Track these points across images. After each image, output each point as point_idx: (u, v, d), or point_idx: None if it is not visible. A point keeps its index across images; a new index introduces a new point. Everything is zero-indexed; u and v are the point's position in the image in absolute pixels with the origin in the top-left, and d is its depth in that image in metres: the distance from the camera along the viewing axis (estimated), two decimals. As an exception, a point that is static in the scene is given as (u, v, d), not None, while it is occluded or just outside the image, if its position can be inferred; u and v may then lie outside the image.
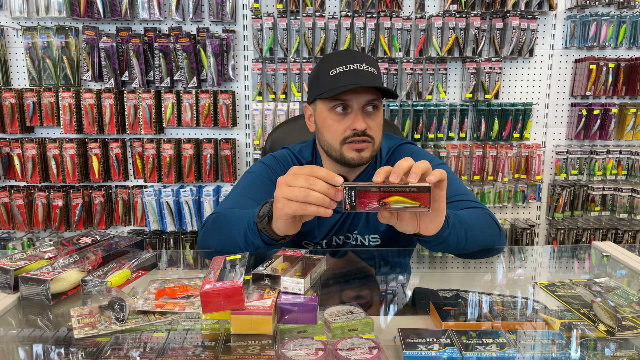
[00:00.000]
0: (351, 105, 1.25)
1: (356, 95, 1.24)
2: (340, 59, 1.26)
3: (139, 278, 1.03)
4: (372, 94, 1.25)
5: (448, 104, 2.83)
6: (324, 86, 1.26)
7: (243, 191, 1.33)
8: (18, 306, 0.92)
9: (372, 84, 1.22)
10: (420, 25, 2.71)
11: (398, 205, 0.82)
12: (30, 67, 2.70)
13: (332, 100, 1.25)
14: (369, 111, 1.27)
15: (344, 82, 1.22)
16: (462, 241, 1.08)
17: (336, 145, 1.28)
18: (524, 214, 3.01)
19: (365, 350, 0.73)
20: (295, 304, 0.77)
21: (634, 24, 2.75)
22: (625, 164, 2.88)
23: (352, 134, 1.25)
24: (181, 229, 2.81)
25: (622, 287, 0.96)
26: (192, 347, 0.74)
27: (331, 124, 1.28)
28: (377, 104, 1.28)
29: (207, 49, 2.68)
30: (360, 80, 1.22)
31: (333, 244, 1.40)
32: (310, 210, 0.86)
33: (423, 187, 0.81)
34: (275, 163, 1.41)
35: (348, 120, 1.26)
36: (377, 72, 1.28)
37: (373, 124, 1.27)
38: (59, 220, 2.76)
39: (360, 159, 1.28)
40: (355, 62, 1.24)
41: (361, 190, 0.82)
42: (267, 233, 1.01)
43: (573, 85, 2.87)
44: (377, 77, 1.26)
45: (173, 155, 2.71)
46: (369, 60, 1.28)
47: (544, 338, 0.79)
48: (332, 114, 1.27)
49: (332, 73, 1.25)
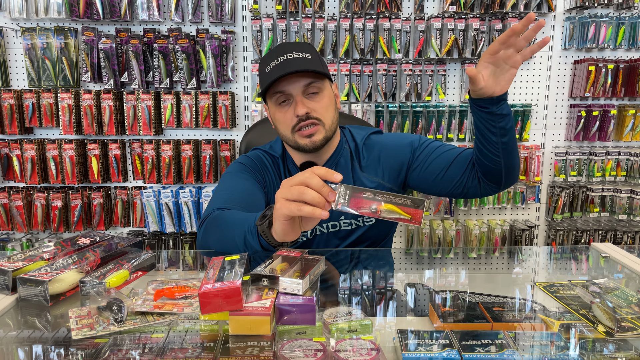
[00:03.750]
0: (291, 94, 1.29)
1: (290, 83, 1.28)
2: (272, 54, 1.31)
3: (138, 279, 1.03)
4: (308, 77, 1.29)
5: (447, 105, 2.83)
6: (262, 83, 1.32)
7: (228, 189, 1.36)
8: (16, 307, 0.91)
9: (300, 68, 1.24)
10: (419, 27, 2.71)
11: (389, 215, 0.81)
12: (30, 68, 2.70)
13: (272, 94, 1.31)
14: (311, 95, 1.30)
15: (275, 74, 1.26)
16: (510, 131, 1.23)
17: (289, 135, 1.33)
18: (523, 215, 3.01)
19: (364, 352, 0.73)
20: (293, 305, 0.77)
21: (632, 25, 2.75)
22: (624, 165, 2.88)
23: (298, 121, 1.29)
24: (180, 230, 2.81)
25: (621, 288, 0.96)
26: (191, 348, 0.74)
27: (279, 116, 1.33)
28: (318, 85, 1.30)
29: (206, 50, 2.68)
30: (287, 68, 1.25)
31: (318, 233, 1.41)
32: (305, 210, 0.86)
33: (418, 201, 0.80)
34: (249, 161, 1.45)
35: (292, 109, 1.30)
36: (313, 55, 1.30)
37: (316, 106, 1.30)
38: (58, 221, 2.76)
39: (312, 144, 1.31)
40: (284, 53, 1.28)
41: (356, 193, 0.82)
42: (266, 237, 1.01)
43: (572, 87, 2.87)
44: (310, 61, 1.28)
45: (172, 157, 2.71)
46: (300, 47, 1.30)
47: (543, 339, 0.79)
48: (277, 106, 1.33)
49: (267, 70, 1.29)
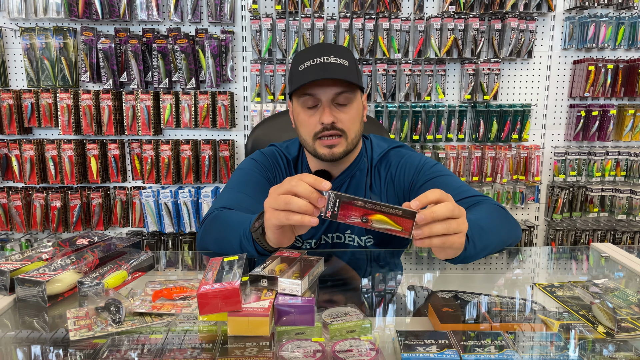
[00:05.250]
0: (320, 99, 1.24)
1: (322, 88, 1.23)
2: (309, 53, 1.25)
3: (136, 279, 1.03)
4: (341, 86, 1.23)
5: (447, 105, 2.82)
6: (294, 82, 1.26)
7: (236, 187, 1.32)
8: (14, 308, 0.91)
9: (336, 76, 1.19)
10: (419, 27, 2.71)
11: (380, 225, 0.79)
12: (29, 68, 2.70)
13: (301, 95, 1.25)
14: (339, 104, 1.25)
15: (309, 76, 1.21)
16: (484, 251, 1.07)
17: (310, 141, 1.29)
18: (523, 215, 3.01)
19: (363, 352, 0.73)
20: (292, 306, 0.76)
21: (632, 25, 2.75)
22: (623, 165, 2.88)
23: (322, 129, 1.25)
24: (179, 230, 2.81)
25: (621, 289, 0.96)
26: (190, 349, 0.74)
27: (303, 119, 1.28)
28: (349, 96, 1.25)
29: (205, 50, 2.68)
30: (324, 72, 1.20)
31: (322, 243, 1.38)
32: (294, 219, 0.84)
33: (408, 212, 0.78)
34: (264, 159, 1.41)
35: (318, 114, 1.25)
36: (350, 63, 1.25)
37: (344, 117, 1.25)
38: (57, 222, 2.76)
39: (331, 155, 1.27)
40: (322, 55, 1.22)
41: (346, 201, 0.80)
42: (261, 243, 1.00)
43: (572, 87, 2.87)
44: (346, 69, 1.23)
45: (171, 157, 2.71)
46: (340, 52, 1.25)
47: (543, 339, 0.79)
48: (304, 109, 1.27)
49: (301, 68, 1.24)
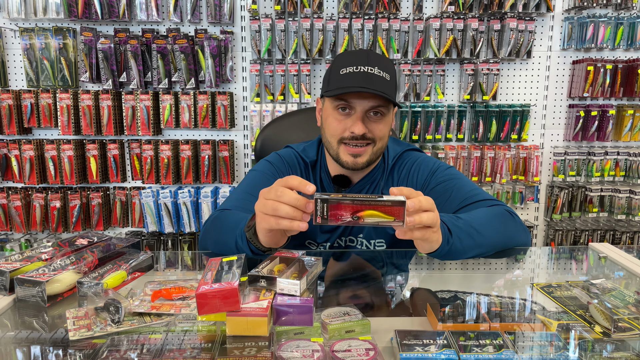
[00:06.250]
0: (354, 108, 1.23)
1: (360, 99, 1.22)
2: (354, 58, 1.23)
3: (136, 279, 1.03)
4: (379, 100, 1.22)
5: (446, 105, 2.83)
6: (333, 84, 1.24)
7: (247, 189, 1.31)
8: (13, 308, 0.91)
9: (377, 91, 1.18)
10: (418, 27, 2.71)
11: (372, 220, 0.80)
12: (28, 69, 2.70)
13: (337, 99, 1.24)
14: (372, 116, 1.24)
15: (350, 83, 1.19)
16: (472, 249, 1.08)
17: (334, 143, 1.27)
18: (522, 215, 3.01)
19: (361, 352, 0.73)
20: (291, 306, 0.77)
21: (631, 25, 2.75)
22: (623, 165, 2.88)
23: (350, 137, 1.24)
24: (179, 231, 2.81)
25: (619, 289, 0.96)
26: (189, 349, 0.74)
27: (332, 121, 1.27)
28: (383, 110, 1.24)
29: (205, 50, 2.68)
30: (367, 84, 1.18)
31: (336, 245, 1.38)
32: (283, 224, 0.84)
33: (397, 201, 0.79)
34: (280, 162, 1.39)
35: (349, 122, 1.24)
36: (391, 77, 1.23)
37: (375, 129, 1.24)
38: (57, 222, 2.76)
39: (354, 164, 1.26)
40: (367, 65, 1.20)
41: (334, 203, 0.80)
42: (254, 243, 1.00)
43: (571, 87, 2.88)
44: (387, 83, 1.22)
45: (171, 157, 2.71)
46: (383, 64, 1.23)
47: (541, 339, 0.79)
48: (336, 112, 1.26)
49: (342, 72, 1.22)
